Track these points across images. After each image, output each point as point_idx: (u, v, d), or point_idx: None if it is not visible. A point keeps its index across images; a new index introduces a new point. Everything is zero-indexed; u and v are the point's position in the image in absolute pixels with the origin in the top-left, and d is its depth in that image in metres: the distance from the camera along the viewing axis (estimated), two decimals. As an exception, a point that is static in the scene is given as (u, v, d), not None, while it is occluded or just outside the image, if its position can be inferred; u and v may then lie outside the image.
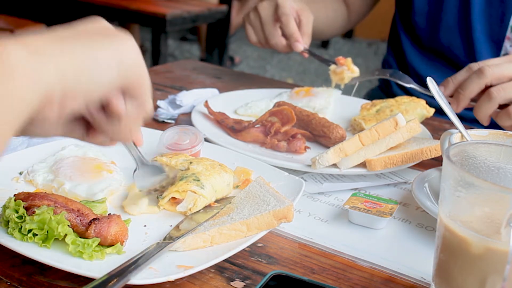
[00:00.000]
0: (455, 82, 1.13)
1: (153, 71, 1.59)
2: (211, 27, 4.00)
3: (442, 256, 0.65)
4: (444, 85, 1.14)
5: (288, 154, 1.05)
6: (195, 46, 5.68)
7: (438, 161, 1.06)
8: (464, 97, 1.11)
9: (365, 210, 0.84)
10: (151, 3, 3.53)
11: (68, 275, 0.67)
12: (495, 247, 0.59)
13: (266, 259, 0.75)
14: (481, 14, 1.38)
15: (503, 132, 0.85)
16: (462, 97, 1.11)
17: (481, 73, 1.08)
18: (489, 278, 0.60)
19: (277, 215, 0.75)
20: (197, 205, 0.80)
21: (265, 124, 1.11)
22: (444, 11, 1.43)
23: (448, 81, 1.14)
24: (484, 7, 1.38)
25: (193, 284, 0.68)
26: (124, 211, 0.81)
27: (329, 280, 0.72)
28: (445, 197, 0.64)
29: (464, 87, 1.10)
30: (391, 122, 0.97)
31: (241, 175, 0.90)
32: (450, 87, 1.13)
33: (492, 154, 0.68)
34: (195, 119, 1.14)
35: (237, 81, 1.54)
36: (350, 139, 0.96)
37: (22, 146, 1.00)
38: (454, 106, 1.13)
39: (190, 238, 0.72)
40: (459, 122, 0.97)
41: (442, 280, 0.66)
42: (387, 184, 0.99)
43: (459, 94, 1.11)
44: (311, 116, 1.13)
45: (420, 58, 1.54)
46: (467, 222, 0.62)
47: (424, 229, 0.86)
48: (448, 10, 1.43)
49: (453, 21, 1.43)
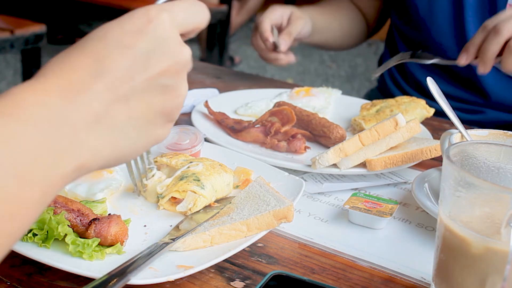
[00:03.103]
0: (475, 46, 1.16)
1: (153, 71, 1.58)
2: (211, 27, 4.00)
3: (442, 256, 0.65)
4: (466, 51, 1.17)
5: (288, 154, 1.05)
6: (195, 46, 5.68)
7: (438, 161, 1.06)
8: (488, 59, 1.14)
9: (365, 210, 0.84)
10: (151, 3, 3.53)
11: (68, 275, 0.67)
12: (495, 247, 0.59)
13: (266, 259, 0.75)
14: (474, 14, 1.38)
15: (503, 132, 0.85)
16: (486, 59, 1.14)
17: (497, 32, 1.11)
18: (489, 278, 0.60)
19: (277, 215, 0.75)
20: (197, 205, 0.80)
21: (265, 124, 1.11)
22: (435, 14, 1.43)
23: (467, 46, 1.17)
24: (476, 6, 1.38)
25: (193, 284, 0.68)
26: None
27: (329, 280, 0.72)
28: (445, 197, 0.64)
29: (485, 50, 1.14)
30: (391, 122, 0.97)
31: (241, 175, 0.90)
32: (471, 52, 1.16)
33: (492, 154, 0.68)
34: (195, 119, 1.14)
35: (237, 81, 1.53)
36: (350, 139, 0.96)
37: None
38: (482, 68, 1.16)
39: (190, 238, 0.72)
40: (459, 122, 0.97)
41: (442, 280, 0.66)
42: (387, 184, 0.99)
43: (482, 58, 1.15)
44: (311, 116, 1.13)
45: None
46: (467, 222, 0.62)
47: (424, 229, 0.86)
48: (440, 12, 1.43)
49: (446, 22, 1.43)
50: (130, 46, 0.49)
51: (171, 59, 0.51)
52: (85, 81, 0.47)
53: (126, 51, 0.49)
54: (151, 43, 0.50)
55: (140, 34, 0.50)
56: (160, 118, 0.53)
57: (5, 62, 4.78)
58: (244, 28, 6.22)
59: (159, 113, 0.52)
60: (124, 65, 0.49)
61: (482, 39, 1.14)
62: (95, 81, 0.48)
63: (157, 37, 0.50)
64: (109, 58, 0.49)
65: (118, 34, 0.50)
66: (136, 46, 0.49)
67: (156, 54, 0.50)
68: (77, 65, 0.48)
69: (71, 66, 0.48)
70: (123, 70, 0.49)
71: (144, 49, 0.50)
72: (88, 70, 0.48)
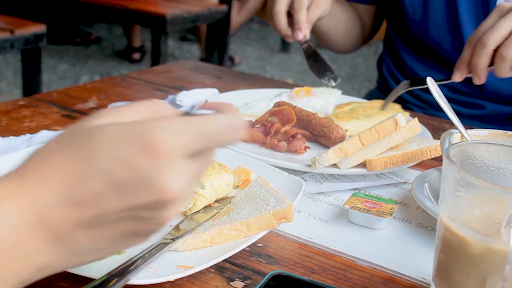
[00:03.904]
0: (464, 62, 1.17)
1: (153, 71, 1.59)
2: (211, 27, 4.00)
3: (442, 256, 0.65)
4: (458, 69, 1.19)
5: (288, 154, 1.05)
6: (195, 46, 5.68)
7: (438, 161, 1.06)
8: (480, 72, 1.16)
9: (365, 210, 0.84)
10: (151, 3, 3.53)
11: (68, 275, 0.66)
12: (495, 247, 0.59)
13: (266, 259, 0.75)
14: (468, 5, 1.39)
15: (503, 132, 0.85)
16: (479, 72, 1.16)
17: (483, 44, 1.12)
18: (489, 278, 0.60)
19: (277, 215, 0.75)
20: (197, 205, 0.80)
21: (265, 124, 1.11)
22: (430, 8, 1.44)
23: (458, 64, 1.18)
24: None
25: (193, 284, 0.68)
26: None
27: (329, 280, 0.72)
28: (445, 197, 0.64)
29: (475, 64, 1.15)
30: (391, 122, 0.97)
31: (241, 175, 0.90)
32: (463, 68, 1.18)
33: (492, 154, 0.68)
34: (195, 119, 1.14)
35: (237, 81, 1.53)
36: (350, 139, 0.96)
37: (22, 146, 1.00)
38: (477, 80, 1.18)
39: (190, 238, 0.72)
40: (459, 122, 0.97)
41: (442, 280, 0.66)
42: (387, 184, 0.99)
43: (475, 71, 1.16)
44: (311, 116, 1.13)
45: (413, 58, 1.55)
46: (467, 222, 0.62)
47: (424, 229, 0.86)
48: (434, 7, 1.43)
49: (441, 17, 1.43)
50: (112, 177, 0.45)
51: (152, 196, 0.45)
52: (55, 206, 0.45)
53: (106, 182, 0.45)
54: (135, 174, 0.45)
55: (126, 163, 0.45)
56: (132, 238, 0.49)
57: (5, 62, 4.78)
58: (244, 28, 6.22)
59: (131, 235, 0.49)
60: (99, 197, 0.45)
61: (470, 54, 1.16)
62: (67, 208, 0.45)
63: (144, 169, 0.45)
64: (86, 187, 0.45)
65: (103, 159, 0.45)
66: (118, 177, 0.45)
67: (137, 188, 0.45)
68: (51, 183, 0.45)
69: (47, 182, 0.45)
70: (98, 201, 0.45)
71: (125, 181, 0.45)
72: (60, 194, 0.45)
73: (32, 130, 1.09)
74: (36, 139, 1.03)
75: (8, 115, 1.17)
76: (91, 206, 0.45)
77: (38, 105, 1.23)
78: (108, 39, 5.80)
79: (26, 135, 1.04)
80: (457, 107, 1.45)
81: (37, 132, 1.06)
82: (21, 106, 1.22)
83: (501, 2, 1.36)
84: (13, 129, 1.10)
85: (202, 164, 0.50)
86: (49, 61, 4.89)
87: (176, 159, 0.46)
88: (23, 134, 1.06)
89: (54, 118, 1.17)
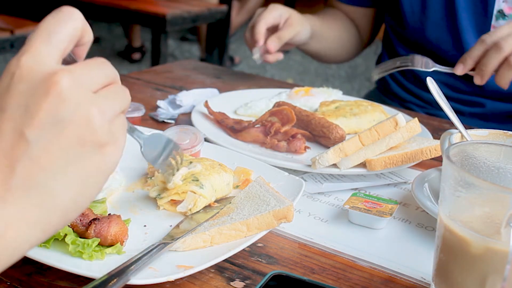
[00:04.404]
0: (473, 58, 1.19)
1: (153, 71, 1.59)
2: (211, 27, 4.00)
3: (442, 256, 0.65)
4: (463, 62, 1.20)
5: (288, 154, 1.05)
6: (195, 46, 5.68)
7: (438, 161, 1.06)
8: (487, 72, 1.18)
9: (365, 210, 0.84)
10: (151, 3, 3.53)
11: (68, 275, 0.67)
12: (495, 247, 0.59)
13: (266, 259, 0.75)
14: (466, 5, 1.39)
15: (503, 132, 0.85)
16: (485, 72, 1.18)
17: (499, 48, 1.14)
18: (489, 278, 0.60)
19: (277, 215, 0.75)
20: (197, 205, 0.80)
21: (265, 124, 1.11)
22: (428, 7, 1.44)
23: (465, 58, 1.20)
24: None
25: (193, 284, 0.68)
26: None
27: (329, 280, 0.72)
28: (445, 197, 0.64)
29: (485, 64, 1.17)
30: (391, 122, 0.97)
31: (241, 175, 0.90)
32: (469, 63, 1.19)
33: (492, 154, 0.68)
34: (195, 119, 1.14)
35: (237, 81, 1.54)
36: (350, 139, 0.96)
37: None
38: (478, 80, 1.20)
39: (190, 238, 0.72)
40: (459, 122, 0.97)
41: (442, 280, 0.66)
42: (387, 184, 0.99)
43: (481, 71, 1.18)
44: (310, 116, 1.13)
45: None
46: (467, 222, 0.62)
47: (424, 229, 0.86)
48: (432, 6, 1.44)
49: (439, 16, 1.44)
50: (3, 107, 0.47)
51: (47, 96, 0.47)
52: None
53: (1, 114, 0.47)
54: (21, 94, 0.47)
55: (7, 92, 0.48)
56: (83, 150, 0.48)
57: (5, 62, 4.77)
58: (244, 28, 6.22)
59: (77, 147, 0.48)
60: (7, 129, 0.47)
61: (481, 52, 1.17)
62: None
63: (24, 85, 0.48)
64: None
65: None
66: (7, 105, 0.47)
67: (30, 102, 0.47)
68: None
69: None
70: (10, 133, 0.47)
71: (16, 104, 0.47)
72: None
73: (32, 130, 1.09)
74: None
75: (8, 115, 1.16)
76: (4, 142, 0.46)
77: (38, 105, 1.23)
78: (108, 39, 5.80)
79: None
80: (457, 106, 1.45)
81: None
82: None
83: (500, 3, 1.36)
84: (13, 129, 1.10)
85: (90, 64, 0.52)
86: (49, 61, 4.88)
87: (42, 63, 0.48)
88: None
89: (54, 118, 1.17)
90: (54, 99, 0.47)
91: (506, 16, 1.36)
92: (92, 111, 0.48)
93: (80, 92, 0.48)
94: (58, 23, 0.51)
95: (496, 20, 1.37)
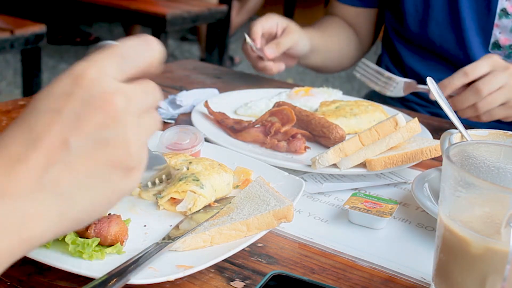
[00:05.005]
0: (451, 88, 1.18)
1: (153, 71, 1.58)
2: (211, 27, 4.00)
3: (442, 256, 0.65)
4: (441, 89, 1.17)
5: (288, 154, 1.05)
6: (195, 46, 5.68)
7: (438, 161, 1.06)
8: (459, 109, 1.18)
9: (365, 210, 0.84)
10: (151, 3, 3.53)
11: (68, 275, 0.66)
12: (495, 247, 0.59)
13: (266, 259, 0.75)
14: (469, 3, 1.39)
15: (503, 132, 0.85)
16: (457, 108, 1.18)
17: (477, 92, 1.14)
18: (489, 278, 0.60)
19: (277, 215, 0.75)
20: (197, 205, 0.80)
21: (265, 124, 1.11)
22: (432, 6, 1.44)
23: (444, 85, 1.18)
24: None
25: (193, 284, 0.68)
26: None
27: (329, 280, 0.72)
28: (445, 197, 0.64)
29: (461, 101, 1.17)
30: (391, 122, 0.97)
31: (241, 175, 0.90)
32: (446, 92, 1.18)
33: (492, 154, 0.68)
34: (195, 119, 1.14)
35: (237, 81, 1.53)
36: (350, 139, 0.96)
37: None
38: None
39: (190, 238, 0.72)
40: (459, 122, 0.97)
41: (442, 280, 0.66)
42: (387, 184, 0.99)
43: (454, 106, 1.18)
44: (310, 116, 1.13)
45: (414, 57, 1.55)
46: (467, 222, 0.62)
47: (424, 229, 0.86)
48: (436, 5, 1.44)
49: (442, 14, 1.44)
50: (59, 110, 0.49)
51: (100, 112, 0.49)
52: (21, 152, 0.47)
53: (55, 115, 0.48)
54: (78, 102, 0.49)
55: (66, 96, 0.49)
56: (114, 171, 0.51)
57: (5, 62, 4.78)
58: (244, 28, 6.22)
59: (110, 167, 0.50)
60: (56, 130, 0.48)
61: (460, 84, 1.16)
62: (30, 151, 0.47)
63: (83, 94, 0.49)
64: (40, 125, 0.48)
65: (47, 100, 0.49)
66: (64, 108, 0.49)
67: (84, 112, 0.49)
68: (13, 137, 0.48)
69: (8, 140, 0.48)
70: (56, 135, 0.48)
71: (72, 110, 0.49)
72: (22, 141, 0.48)
73: (32, 130, 1.09)
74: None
75: (8, 115, 1.17)
76: (49, 141, 0.48)
77: (38, 105, 1.23)
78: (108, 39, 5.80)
79: (26, 135, 1.04)
80: None
81: (37, 132, 1.06)
82: (21, 106, 1.22)
83: (503, 1, 1.36)
84: (13, 129, 1.10)
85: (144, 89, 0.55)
86: (49, 61, 4.89)
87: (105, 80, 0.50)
88: (23, 134, 1.06)
89: (54, 118, 1.17)
90: (106, 117, 0.49)
91: (509, 14, 1.36)
92: (133, 137, 0.51)
93: (129, 117, 0.50)
94: (136, 50, 0.54)
95: (499, 18, 1.37)
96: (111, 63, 0.51)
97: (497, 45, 1.40)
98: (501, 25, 1.37)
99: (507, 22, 1.36)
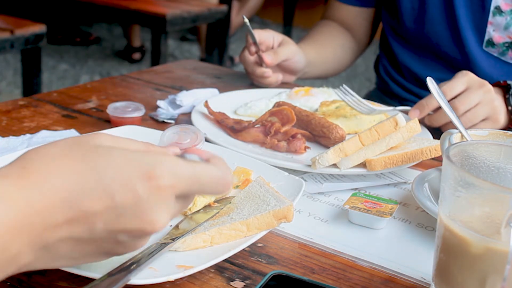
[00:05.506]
0: (430, 108, 1.18)
1: (153, 71, 1.58)
2: (211, 27, 4.00)
3: (442, 256, 0.65)
4: (419, 108, 1.19)
5: (288, 154, 1.05)
6: (195, 46, 5.68)
7: (438, 161, 1.06)
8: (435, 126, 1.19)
9: (365, 210, 0.84)
10: (151, 3, 3.53)
11: (68, 275, 0.66)
12: (495, 247, 0.59)
13: (266, 259, 0.75)
14: (464, 1, 1.40)
15: (503, 132, 0.85)
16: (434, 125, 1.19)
17: (455, 109, 1.14)
18: (489, 278, 0.60)
19: (277, 215, 0.75)
20: (197, 205, 0.80)
21: (265, 124, 1.11)
22: (427, 3, 1.45)
23: (423, 105, 1.18)
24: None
25: (193, 284, 0.68)
26: None
27: (329, 280, 0.72)
28: (445, 197, 0.64)
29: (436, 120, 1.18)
30: (391, 122, 0.97)
31: (241, 175, 0.90)
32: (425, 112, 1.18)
33: (492, 154, 0.68)
34: (195, 119, 1.14)
35: (237, 81, 1.53)
36: (350, 139, 0.96)
37: (22, 146, 1.00)
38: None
39: (190, 238, 0.72)
40: (459, 122, 0.97)
41: (442, 280, 0.66)
42: (387, 184, 0.99)
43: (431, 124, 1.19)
44: (310, 116, 1.13)
45: (410, 56, 1.55)
46: (467, 222, 0.62)
47: (424, 229, 0.86)
48: (431, 2, 1.44)
49: (437, 11, 1.44)
50: (113, 197, 0.48)
51: (140, 225, 0.50)
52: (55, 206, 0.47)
53: (108, 199, 0.48)
54: (133, 202, 0.49)
55: (129, 191, 0.48)
56: (103, 256, 0.55)
57: (5, 62, 4.77)
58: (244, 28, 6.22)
59: (104, 253, 0.54)
60: (95, 210, 0.48)
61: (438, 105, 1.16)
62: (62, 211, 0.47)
63: (141, 198, 0.49)
64: (89, 195, 0.47)
65: (112, 178, 0.48)
66: (118, 199, 0.48)
67: (129, 214, 0.49)
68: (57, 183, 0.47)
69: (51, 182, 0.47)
70: (92, 213, 0.48)
71: (122, 206, 0.48)
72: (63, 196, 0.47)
73: (32, 130, 1.09)
74: (36, 139, 1.03)
75: (8, 115, 1.17)
76: (84, 221, 0.48)
77: (38, 105, 1.23)
78: (108, 39, 5.80)
79: (26, 135, 1.04)
80: None
81: (37, 132, 1.06)
82: (21, 106, 1.22)
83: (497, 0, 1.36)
84: (13, 129, 1.10)
85: (183, 206, 0.56)
86: (49, 61, 4.88)
87: (170, 196, 0.50)
88: (23, 134, 1.06)
89: (54, 118, 1.17)
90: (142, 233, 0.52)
91: (503, 12, 1.36)
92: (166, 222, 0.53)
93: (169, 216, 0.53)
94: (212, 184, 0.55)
95: (493, 16, 1.37)
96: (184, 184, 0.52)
97: (491, 43, 1.40)
98: (495, 22, 1.37)
99: (500, 20, 1.37)
